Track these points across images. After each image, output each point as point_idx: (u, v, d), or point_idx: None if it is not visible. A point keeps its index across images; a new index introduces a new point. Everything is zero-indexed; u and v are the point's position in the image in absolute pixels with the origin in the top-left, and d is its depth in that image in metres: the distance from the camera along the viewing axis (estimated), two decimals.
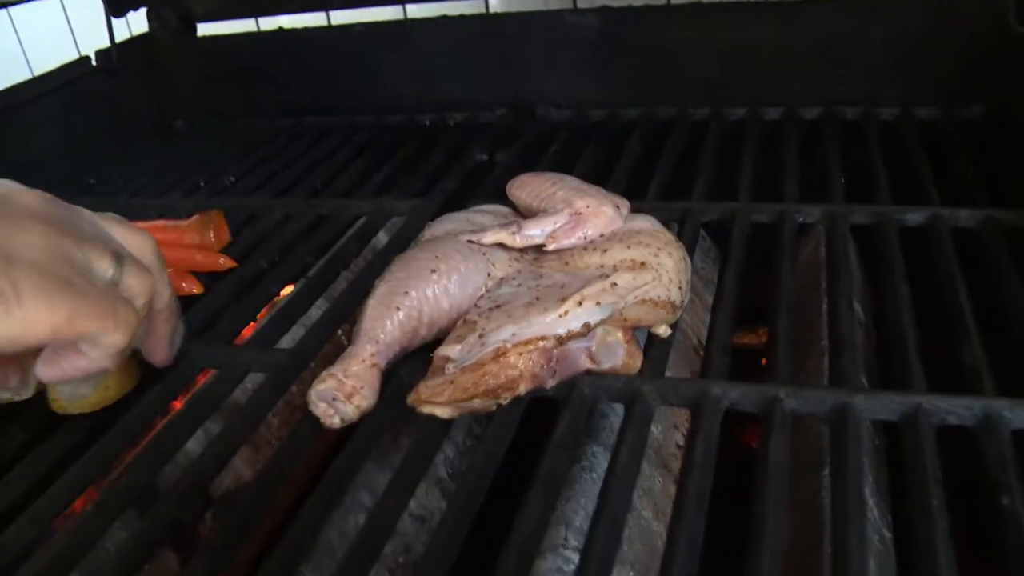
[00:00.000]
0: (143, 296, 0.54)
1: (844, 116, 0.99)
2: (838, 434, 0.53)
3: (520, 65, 1.12)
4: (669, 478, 0.70)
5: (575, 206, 0.65)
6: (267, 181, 1.01)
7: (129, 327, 0.51)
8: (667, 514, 0.67)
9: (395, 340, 0.59)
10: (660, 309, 0.60)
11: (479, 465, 0.52)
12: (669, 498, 0.69)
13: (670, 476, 0.70)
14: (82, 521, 0.53)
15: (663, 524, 0.66)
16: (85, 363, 0.52)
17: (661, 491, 0.68)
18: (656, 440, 0.69)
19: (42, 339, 0.47)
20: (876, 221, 0.76)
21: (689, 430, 0.57)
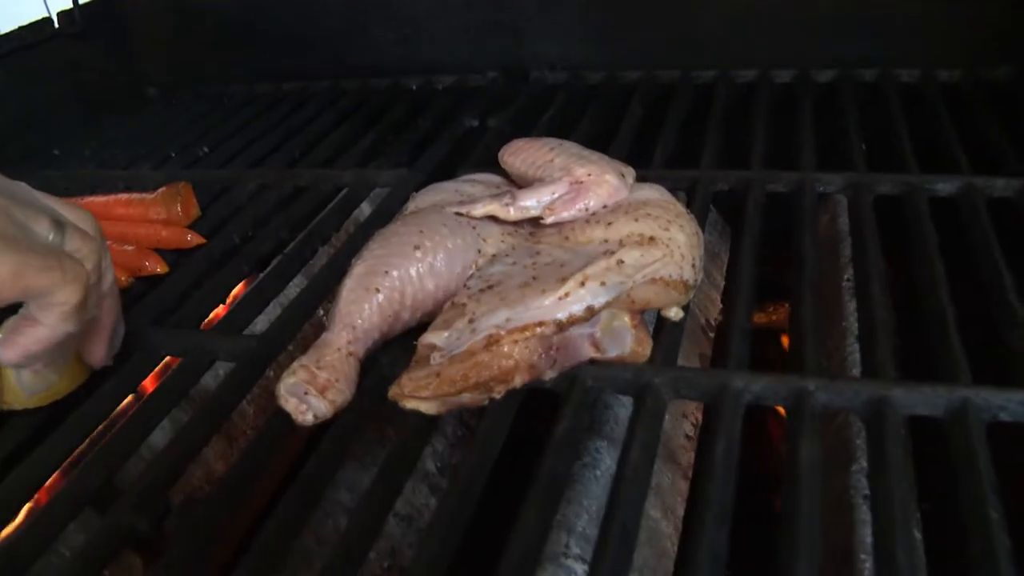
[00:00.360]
0: (90, 259, 0.50)
1: (861, 78, 0.93)
2: (876, 431, 0.46)
3: (512, 25, 1.06)
4: (678, 473, 0.64)
5: (575, 174, 0.58)
6: (243, 151, 0.95)
7: (79, 281, 0.48)
8: (677, 513, 0.61)
9: (374, 326, 0.52)
10: (671, 290, 0.54)
11: (471, 465, 0.46)
12: (679, 495, 0.63)
13: (679, 471, 0.64)
14: (31, 525, 0.47)
15: (672, 525, 0.60)
16: (44, 332, 0.48)
17: (670, 488, 0.62)
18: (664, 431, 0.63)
19: None
20: (904, 191, 0.69)
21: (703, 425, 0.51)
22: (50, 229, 0.48)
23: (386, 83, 1.08)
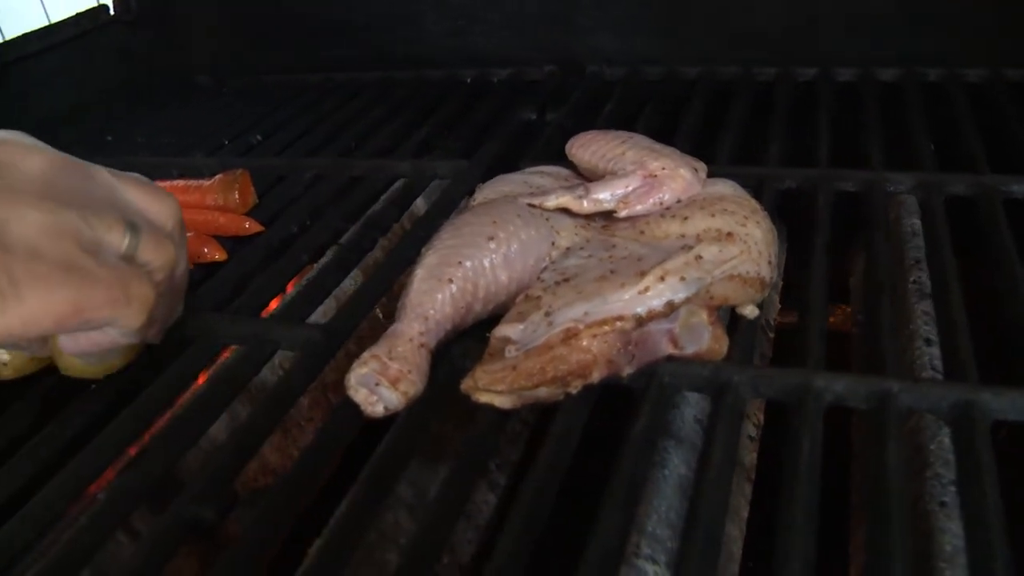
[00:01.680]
0: (162, 269, 0.50)
1: (926, 78, 0.91)
2: (964, 435, 0.45)
3: (568, 18, 1.05)
4: (742, 475, 0.63)
5: (648, 168, 0.57)
6: (296, 140, 0.94)
7: (145, 305, 0.47)
8: (741, 516, 0.60)
9: (446, 317, 0.51)
10: (749, 287, 0.53)
11: (547, 462, 0.45)
12: (744, 498, 0.61)
13: (743, 473, 0.63)
14: (94, 515, 0.46)
15: (738, 528, 0.59)
16: (106, 339, 0.49)
17: (735, 491, 0.61)
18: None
19: (47, 332, 0.45)
20: (977, 192, 0.68)
21: (786, 426, 0.50)
22: (124, 236, 0.47)
23: (439, 75, 1.08)
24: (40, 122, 0.97)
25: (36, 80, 1.00)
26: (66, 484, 0.49)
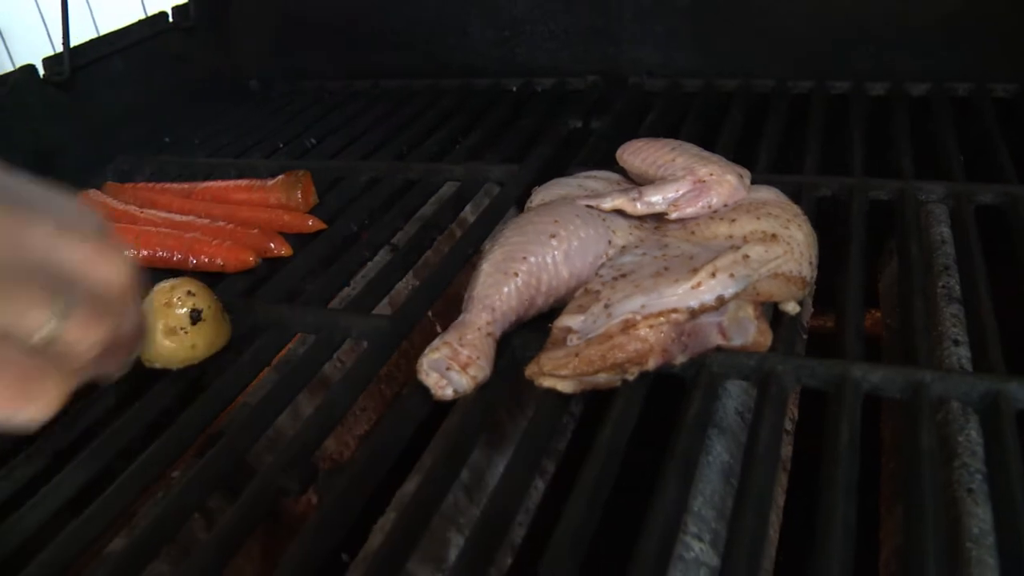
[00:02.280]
0: (96, 345, 0.42)
1: (955, 92, 0.95)
2: (992, 423, 0.49)
3: (611, 31, 1.08)
4: (778, 465, 0.66)
5: (698, 174, 0.61)
6: (350, 144, 0.99)
7: (53, 401, 0.40)
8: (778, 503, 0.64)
9: (512, 309, 0.55)
10: (791, 284, 0.57)
11: (607, 444, 0.49)
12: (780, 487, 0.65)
13: (779, 462, 0.67)
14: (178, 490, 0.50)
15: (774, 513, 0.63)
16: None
17: None
18: None
19: None
20: (1005, 201, 0.71)
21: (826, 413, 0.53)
22: (47, 319, 0.39)
23: (486, 83, 1.12)
24: (104, 123, 1.03)
25: (101, 83, 1.04)
26: (155, 459, 0.53)
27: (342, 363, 0.73)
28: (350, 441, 0.75)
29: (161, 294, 0.60)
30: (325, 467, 0.70)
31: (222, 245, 0.73)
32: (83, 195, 0.86)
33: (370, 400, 0.78)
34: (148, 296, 0.60)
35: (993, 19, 0.95)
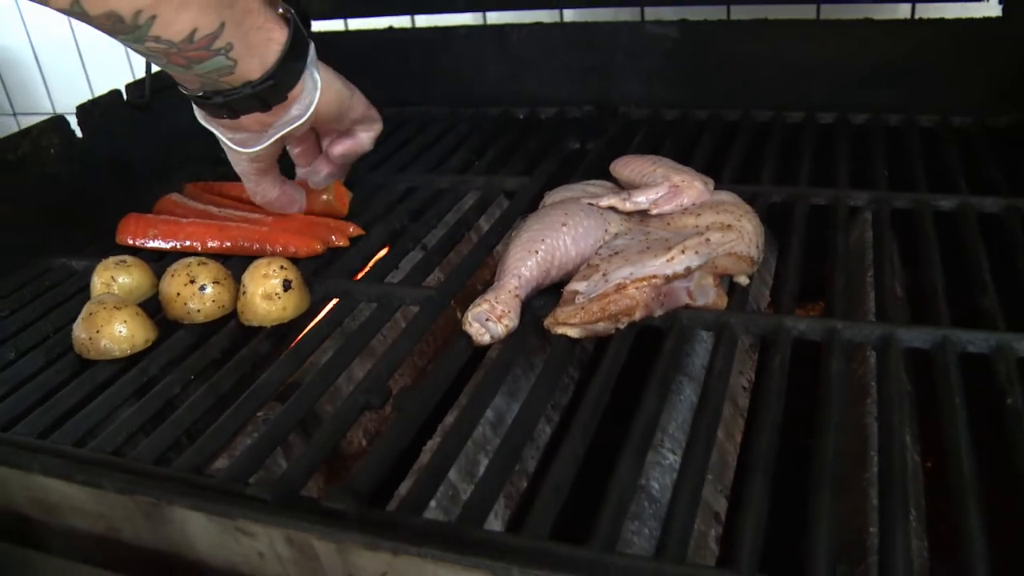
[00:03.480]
0: None
1: (888, 122, 1.13)
2: (884, 358, 0.68)
3: (604, 68, 1.27)
4: (737, 412, 0.85)
5: (673, 180, 0.80)
6: (385, 160, 1.16)
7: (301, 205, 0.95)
8: (735, 439, 0.82)
9: (533, 277, 0.74)
10: (742, 262, 0.76)
11: (607, 370, 0.68)
12: (737, 427, 0.84)
13: (737, 410, 0.85)
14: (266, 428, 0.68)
15: (733, 445, 0.81)
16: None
17: (731, 419, 0.83)
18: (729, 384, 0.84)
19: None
20: (914, 206, 0.90)
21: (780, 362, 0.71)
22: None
23: (497, 111, 1.29)
24: (173, 138, 1.20)
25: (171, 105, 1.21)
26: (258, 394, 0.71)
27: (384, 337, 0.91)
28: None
29: (259, 267, 0.79)
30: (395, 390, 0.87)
31: (296, 235, 0.91)
32: (165, 198, 1.04)
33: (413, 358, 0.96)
34: (248, 270, 0.79)
35: (919, 64, 1.15)
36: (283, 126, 0.80)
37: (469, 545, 0.52)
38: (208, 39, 0.69)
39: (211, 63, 0.72)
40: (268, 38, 0.75)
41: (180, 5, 0.66)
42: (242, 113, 0.78)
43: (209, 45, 0.70)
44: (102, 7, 0.64)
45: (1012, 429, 0.59)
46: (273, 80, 0.76)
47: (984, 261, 0.79)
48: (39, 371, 0.77)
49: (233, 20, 0.70)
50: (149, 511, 0.62)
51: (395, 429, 0.64)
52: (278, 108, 0.79)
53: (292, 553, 0.58)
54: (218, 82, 0.75)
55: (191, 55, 0.70)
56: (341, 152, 0.93)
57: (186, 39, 0.68)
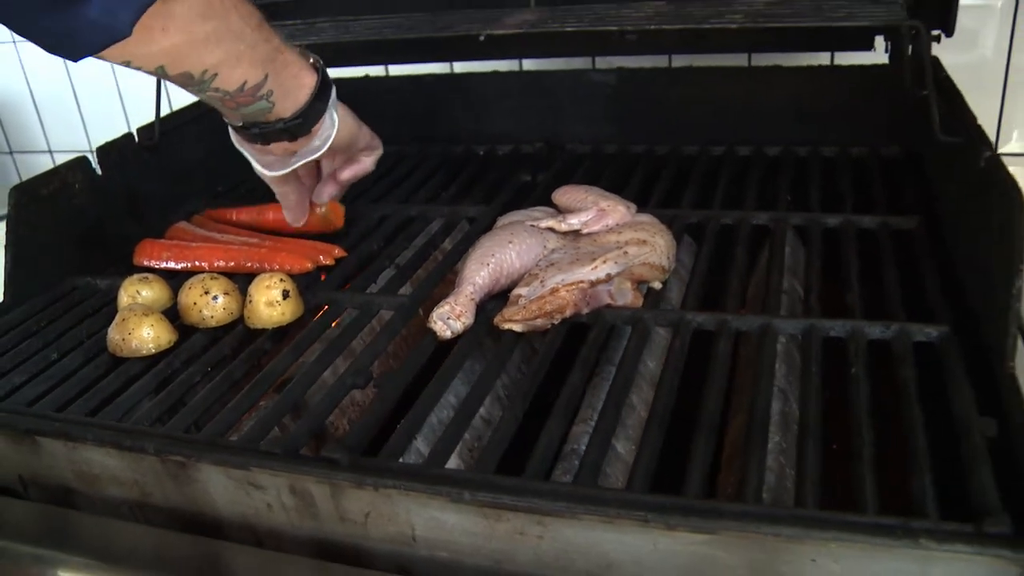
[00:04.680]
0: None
1: (797, 153, 1.32)
2: (763, 341, 0.85)
3: (554, 110, 1.45)
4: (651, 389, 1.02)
5: (600, 205, 0.98)
6: (363, 192, 1.33)
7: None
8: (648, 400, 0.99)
9: (486, 284, 0.92)
10: (655, 270, 0.93)
11: (544, 352, 0.85)
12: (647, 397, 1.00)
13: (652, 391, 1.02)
14: (265, 412, 0.84)
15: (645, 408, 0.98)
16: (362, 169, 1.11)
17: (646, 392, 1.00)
18: (650, 370, 1.01)
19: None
20: (806, 223, 1.09)
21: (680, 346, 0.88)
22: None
23: (460, 149, 1.46)
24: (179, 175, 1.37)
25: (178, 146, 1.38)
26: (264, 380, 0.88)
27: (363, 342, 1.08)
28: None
29: (263, 280, 0.96)
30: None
31: (290, 255, 1.08)
32: (175, 227, 1.20)
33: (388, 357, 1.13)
34: (254, 282, 0.96)
35: (823, 104, 1.34)
36: (305, 155, 0.97)
37: (432, 479, 0.69)
38: (255, 88, 0.87)
39: (255, 106, 0.90)
40: (300, 84, 0.92)
41: (235, 64, 0.84)
42: (273, 142, 0.95)
43: (255, 93, 0.87)
44: (180, 68, 0.82)
45: (852, 389, 0.77)
46: (302, 119, 0.93)
47: (854, 267, 0.97)
48: (79, 367, 0.94)
49: (274, 72, 0.88)
50: (177, 473, 0.79)
51: (377, 403, 0.81)
52: (303, 139, 0.96)
53: (294, 501, 0.75)
54: (257, 117, 0.92)
55: (240, 100, 0.88)
56: (349, 176, 1.09)
57: (238, 89, 0.86)
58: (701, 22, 1.03)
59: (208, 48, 0.81)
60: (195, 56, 0.81)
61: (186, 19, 0.77)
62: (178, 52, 0.80)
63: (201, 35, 0.80)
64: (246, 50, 0.84)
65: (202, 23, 0.79)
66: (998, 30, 1.38)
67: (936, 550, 0.59)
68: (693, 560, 0.65)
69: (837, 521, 0.61)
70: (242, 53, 0.84)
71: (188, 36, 0.79)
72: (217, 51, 0.82)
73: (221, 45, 0.82)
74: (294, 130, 0.94)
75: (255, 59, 0.85)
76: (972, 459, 0.67)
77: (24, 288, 1.09)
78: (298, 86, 0.92)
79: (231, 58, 0.83)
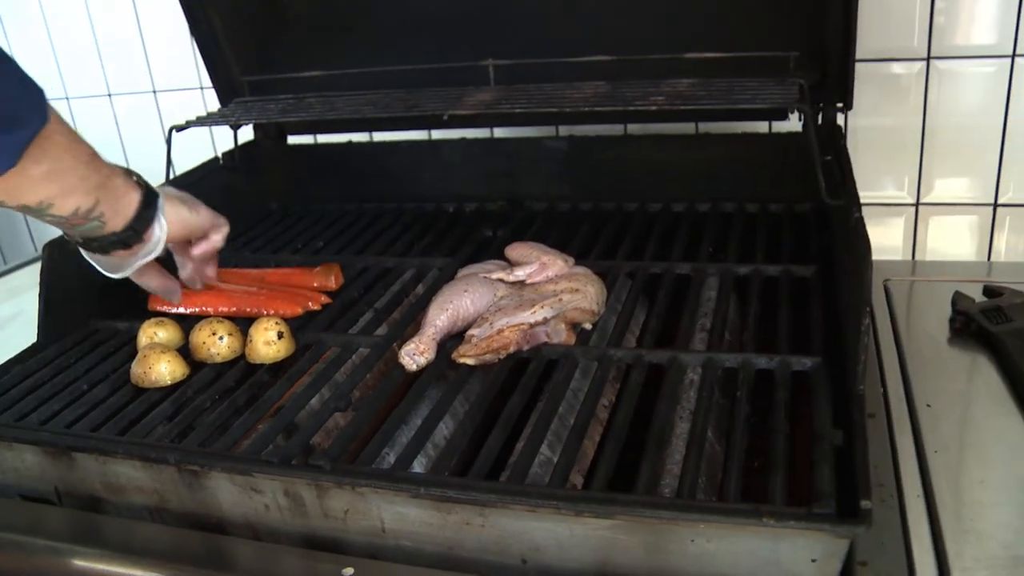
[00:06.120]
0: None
1: (724, 208, 1.52)
2: (672, 371, 1.04)
3: (514, 173, 1.63)
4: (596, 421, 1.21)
5: (542, 260, 1.18)
6: (347, 245, 1.52)
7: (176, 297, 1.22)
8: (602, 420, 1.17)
9: (445, 326, 1.11)
10: (585, 314, 1.13)
11: (489, 384, 1.04)
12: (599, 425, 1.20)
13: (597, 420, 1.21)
14: (261, 432, 1.03)
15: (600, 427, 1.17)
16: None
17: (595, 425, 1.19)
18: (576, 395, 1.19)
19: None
20: (722, 272, 1.28)
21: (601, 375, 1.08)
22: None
23: (432, 206, 1.64)
24: None
25: None
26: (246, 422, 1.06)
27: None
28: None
29: (261, 323, 1.15)
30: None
31: (282, 302, 1.27)
32: None
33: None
34: (253, 325, 1.15)
35: (746, 165, 1.53)
36: (142, 256, 1.09)
37: (397, 479, 0.87)
38: (87, 212, 0.98)
39: (88, 226, 1.01)
40: (128, 202, 1.03)
41: (67, 195, 0.96)
42: (111, 251, 1.06)
43: (87, 216, 0.99)
44: (16, 201, 0.93)
45: (736, 409, 0.96)
46: (132, 230, 1.04)
47: (753, 309, 1.16)
48: (107, 396, 1.12)
49: (104, 196, 0.99)
50: (191, 481, 0.97)
51: (355, 421, 1.00)
52: (137, 245, 1.06)
53: (288, 502, 0.93)
54: (92, 233, 1.03)
55: (75, 222, 0.99)
56: (199, 253, 1.21)
57: (72, 214, 0.97)
58: (629, 104, 1.22)
59: (43, 184, 0.93)
60: (31, 192, 0.93)
61: (21, 168, 0.89)
62: (16, 189, 0.91)
63: (36, 175, 0.91)
64: (77, 182, 0.96)
65: (36, 166, 0.90)
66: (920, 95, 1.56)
67: (777, 527, 0.77)
68: (601, 542, 0.83)
69: (704, 507, 0.80)
70: (74, 186, 0.95)
71: (22, 178, 0.90)
72: (51, 186, 0.93)
73: (55, 181, 0.93)
74: (127, 240, 1.05)
75: (86, 189, 0.97)
76: (819, 461, 0.85)
77: (54, 330, 1.28)
78: (126, 204, 1.03)
79: (64, 191, 0.95)
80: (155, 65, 2.01)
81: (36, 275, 1.28)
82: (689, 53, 1.38)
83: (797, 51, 1.35)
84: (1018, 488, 0.95)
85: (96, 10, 2.00)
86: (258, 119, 1.54)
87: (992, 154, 1.54)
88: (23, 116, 0.89)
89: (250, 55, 1.67)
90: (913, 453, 1.02)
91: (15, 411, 1.08)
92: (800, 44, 1.36)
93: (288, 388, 1.09)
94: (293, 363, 1.15)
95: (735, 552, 0.79)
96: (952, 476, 0.97)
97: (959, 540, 0.88)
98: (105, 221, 1.01)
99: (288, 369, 1.13)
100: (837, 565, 0.78)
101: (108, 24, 2.01)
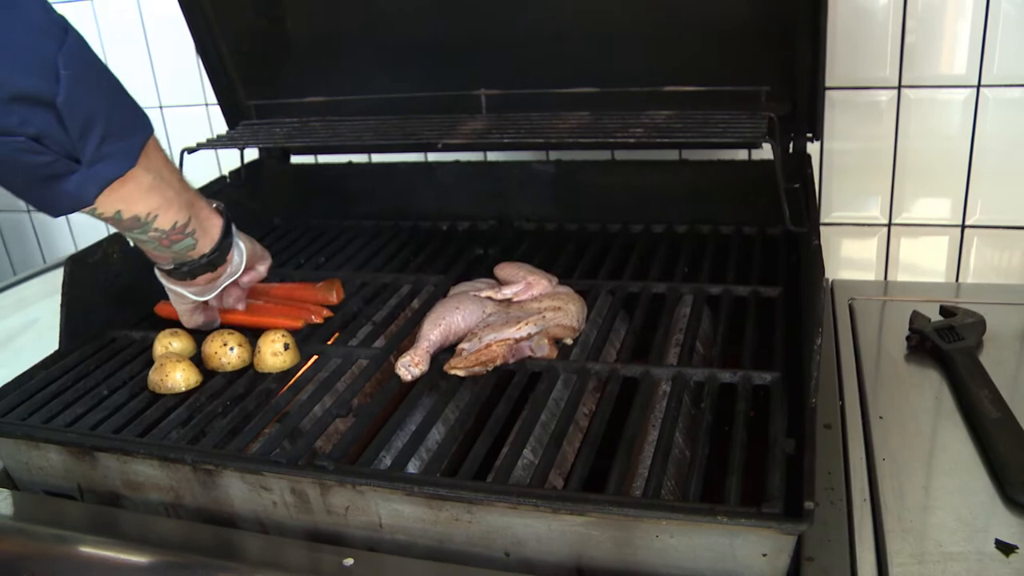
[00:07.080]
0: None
1: (701, 231, 1.61)
2: (645, 384, 1.14)
3: (504, 193, 1.69)
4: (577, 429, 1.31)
5: (528, 279, 1.28)
6: (346, 261, 1.62)
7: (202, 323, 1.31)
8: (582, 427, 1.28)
9: (438, 340, 1.21)
10: (567, 330, 1.23)
11: (476, 394, 1.14)
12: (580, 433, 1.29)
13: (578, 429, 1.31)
14: (268, 438, 1.13)
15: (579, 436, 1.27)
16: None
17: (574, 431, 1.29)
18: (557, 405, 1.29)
19: None
20: (695, 292, 1.38)
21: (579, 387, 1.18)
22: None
23: (427, 224, 1.69)
24: None
25: None
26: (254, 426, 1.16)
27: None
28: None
29: (268, 335, 1.24)
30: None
31: (287, 316, 1.37)
32: None
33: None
34: (261, 337, 1.25)
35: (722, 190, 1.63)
36: (226, 279, 1.22)
37: (394, 479, 0.97)
38: (183, 227, 1.09)
39: (184, 243, 1.11)
40: (213, 224, 1.15)
41: (168, 207, 1.05)
42: (199, 275, 1.17)
43: (184, 231, 1.09)
44: (131, 212, 1.03)
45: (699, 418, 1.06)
46: (218, 251, 1.16)
47: (722, 327, 1.26)
48: (126, 401, 1.21)
49: (195, 214, 1.10)
50: (205, 480, 1.07)
51: (355, 426, 1.10)
52: (220, 268, 1.19)
53: (294, 499, 1.03)
54: (184, 256, 1.14)
55: (174, 238, 1.09)
56: (247, 281, 1.31)
57: (172, 228, 1.08)
58: (609, 136, 1.32)
59: (151, 194, 1.02)
60: (143, 201, 1.02)
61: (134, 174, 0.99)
62: (131, 196, 1.01)
63: (146, 183, 1.01)
64: (174, 196, 1.06)
65: (145, 174, 1.01)
66: (892, 120, 1.65)
67: (731, 524, 0.86)
68: (576, 537, 0.93)
69: (667, 506, 0.89)
70: (172, 199, 1.05)
71: (136, 184, 1.00)
72: (157, 197, 1.03)
73: (159, 192, 1.03)
74: (215, 261, 1.17)
75: (181, 204, 1.07)
76: (771, 467, 0.95)
77: (75, 338, 1.37)
78: (212, 225, 1.15)
79: (166, 202, 1.05)
80: (161, 82, 2.10)
81: (47, 285, 1.36)
82: (667, 86, 1.48)
83: (768, 85, 1.45)
84: (958, 493, 1.04)
85: (105, 28, 2.09)
86: (265, 143, 1.63)
87: (960, 177, 1.63)
88: (138, 124, 1.00)
89: (256, 80, 1.76)
90: (864, 461, 1.12)
91: (42, 414, 1.17)
92: (772, 78, 1.46)
93: (294, 396, 1.19)
94: (298, 372, 1.24)
95: (695, 546, 0.89)
96: (897, 482, 1.06)
97: (899, 539, 0.97)
98: (196, 239, 1.13)
99: (294, 378, 1.23)
100: (786, 559, 0.88)
101: (117, 42, 2.10)
